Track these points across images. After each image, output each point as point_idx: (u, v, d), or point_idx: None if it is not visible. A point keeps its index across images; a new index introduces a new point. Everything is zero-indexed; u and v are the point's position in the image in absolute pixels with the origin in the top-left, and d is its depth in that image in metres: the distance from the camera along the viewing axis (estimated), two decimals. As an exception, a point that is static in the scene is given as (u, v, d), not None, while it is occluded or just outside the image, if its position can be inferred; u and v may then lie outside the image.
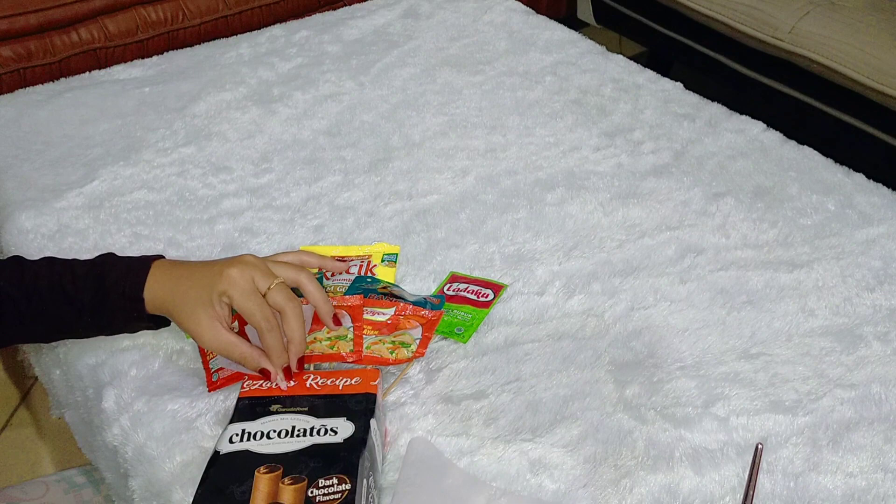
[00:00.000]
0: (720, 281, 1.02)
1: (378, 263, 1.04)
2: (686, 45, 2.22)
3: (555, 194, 1.16)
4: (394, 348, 0.89)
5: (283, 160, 1.24)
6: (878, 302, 0.99)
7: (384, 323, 0.92)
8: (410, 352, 0.89)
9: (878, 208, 1.14)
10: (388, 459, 0.80)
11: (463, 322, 0.95)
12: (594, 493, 0.78)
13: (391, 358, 0.88)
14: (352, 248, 1.07)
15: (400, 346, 0.90)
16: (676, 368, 0.90)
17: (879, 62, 1.79)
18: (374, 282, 1.00)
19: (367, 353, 0.89)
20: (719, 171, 1.21)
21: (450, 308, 0.97)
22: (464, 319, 0.95)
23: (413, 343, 0.90)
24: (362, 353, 0.89)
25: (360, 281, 1.00)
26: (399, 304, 0.94)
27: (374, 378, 0.82)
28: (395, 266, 1.04)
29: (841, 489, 0.79)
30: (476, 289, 1.00)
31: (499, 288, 1.00)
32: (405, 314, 0.93)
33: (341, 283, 1.00)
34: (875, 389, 0.88)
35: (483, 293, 0.99)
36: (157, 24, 1.96)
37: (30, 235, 1.09)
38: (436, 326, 0.92)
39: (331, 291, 0.98)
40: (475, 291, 0.99)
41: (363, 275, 1.02)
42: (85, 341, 0.94)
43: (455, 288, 1.00)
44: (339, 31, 1.57)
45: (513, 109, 1.36)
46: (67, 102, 1.37)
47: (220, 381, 0.87)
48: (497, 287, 1.00)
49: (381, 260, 1.04)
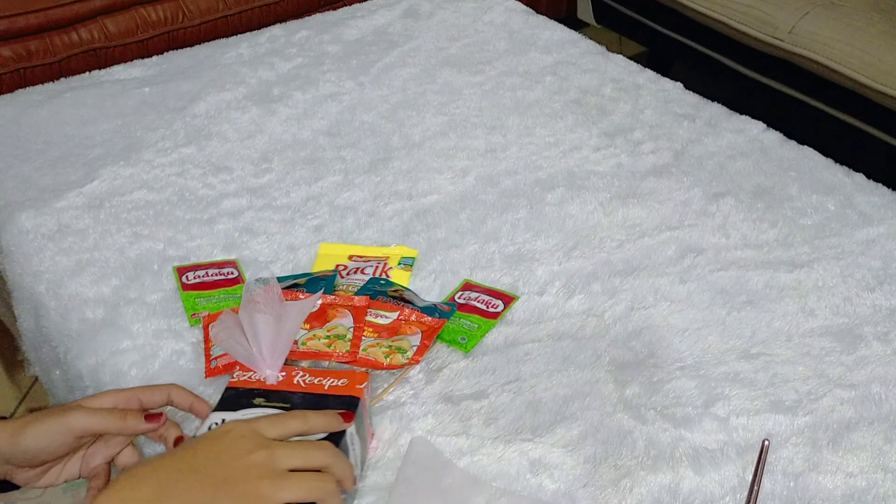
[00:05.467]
0: (720, 281, 1.02)
1: (394, 266, 1.03)
2: (686, 45, 2.22)
3: (555, 194, 1.16)
4: (389, 353, 0.89)
5: (283, 160, 1.24)
6: (878, 302, 0.99)
7: (385, 326, 0.92)
8: (406, 358, 0.88)
9: (878, 208, 1.14)
10: (387, 458, 0.80)
11: (468, 331, 0.93)
12: (594, 493, 0.78)
13: (385, 362, 0.88)
14: (370, 248, 1.07)
15: (396, 351, 0.89)
16: (676, 368, 0.90)
17: (879, 62, 1.79)
18: (387, 284, 0.99)
19: (362, 356, 0.88)
20: (719, 171, 1.21)
21: (458, 316, 0.95)
22: (469, 329, 0.94)
23: (410, 350, 0.89)
24: (357, 355, 0.88)
25: (374, 282, 0.99)
26: (404, 309, 0.94)
27: (361, 381, 0.80)
28: (411, 270, 1.03)
29: (841, 489, 0.79)
30: (487, 298, 0.98)
31: (510, 299, 0.98)
32: (407, 319, 0.93)
33: (355, 283, 0.99)
34: (875, 389, 0.88)
35: (493, 304, 0.97)
36: (157, 24, 1.96)
37: (30, 235, 1.09)
38: (436, 335, 0.91)
39: (342, 291, 0.98)
40: (485, 301, 0.98)
41: (378, 276, 1.01)
42: (85, 341, 0.94)
43: (466, 296, 0.99)
44: (339, 31, 1.57)
45: (513, 109, 1.36)
46: (67, 102, 1.37)
47: (218, 368, 0.87)
48: (508, 298, 0.99)
49: (397, 263, 1.04)
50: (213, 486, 0.63)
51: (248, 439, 0.66)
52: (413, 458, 0.79)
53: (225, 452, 0.65)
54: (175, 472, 0.64)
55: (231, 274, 1.02)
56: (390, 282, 1.00)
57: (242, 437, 0.66)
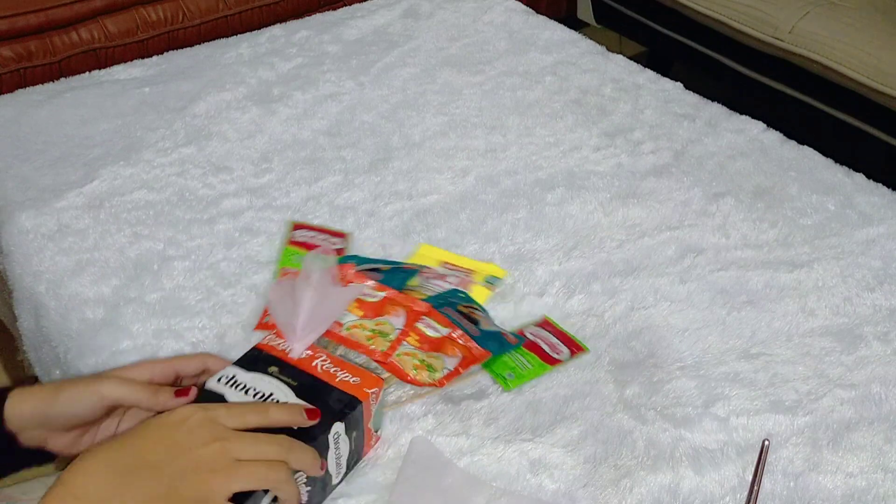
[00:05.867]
0: (720, 281, 1.02)
1: (477, 282, 0.99)
2: (686, 45, 2.22)
3: (555, 194, 1.16)
4: (419, 367, 0.85)
5: (283, 160, 1.24)
6: (878, 302, 0.99)
7: (431, 339, 0.88)
8: (432, 378, 0.85)
9: (878, 208, 1.14)
10: (388, 458, 0.80)
11: (518, 369, 0.87)
12: (594, 493, 0.78)
13: (410, 375, 0.85)
14: (463, 258, 1.03)
15: (426, 367, 0.85)
16: (676, 368, 0.90)
17: (879, 62, 1.79)
18: (464, 299, 0.95)
19: (393, 360, 0.85)
20: (719, 171, 1.21)
21: (517, 351, 0.89)
22: (521, 367, 0.88)
23: (440, 371, 0.85)
24: (389, 358, 0.86)
25: (451, 294, 0.95)
26: (456, 329, 0.89)
27: (372, 385, 0.78)
28: (493, 289, 0.99)
29: (841, 489, 0.79)
30: (554, 342, 0.91)
31: (578, 350, 0.91)
32: (454, 340, 0.88)
33: (432, 288, 0.96)
34: (875, 389, 0.88)
35: (558, 349, 0.90)
36: (157, 24, 1.96)
37: (30, 235, 1.09)
38: (474, 365, 0.86)
39: (415, 292, 0.94)
40: (552, 345, 0.91)
41: (457, 288, 0.97)
42: (85, 341, 0.94)
43: (535, 333, 0.92)
44: (339, 31, 1.57)
45: (513, 109, 1.36)
46: (67, 102, 1.37)
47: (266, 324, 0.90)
48: (577, 348, 0.91)
49: (482, 279, 1.00)
50: (169, 479, 0.63)
51: (203, 429, 0.66)
52: (413, 458, 0.79)
53: (180, 443, 0.65)
54: (129, 465, 0.63)
55: (336, 244, 1.04)
56: (468, 297, 0.96)
57: (199, 427, 0.66)
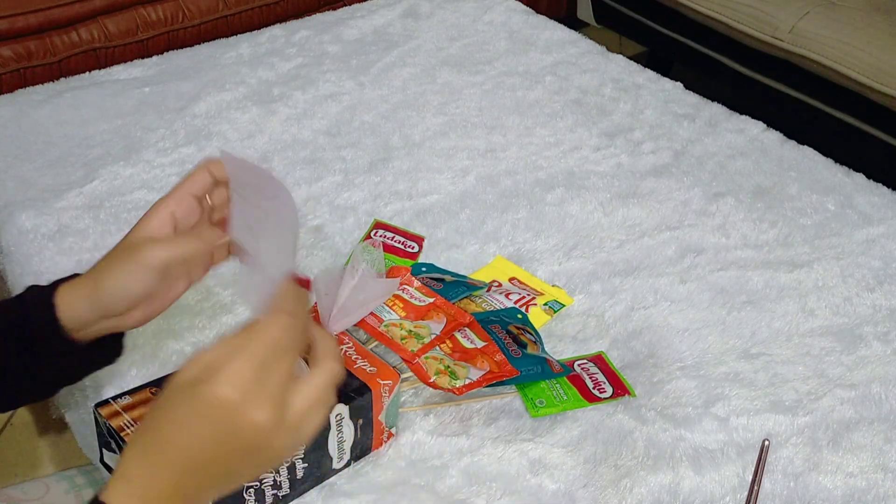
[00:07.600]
0: (720, 281, 1.02)
1: (539, 305, 0.96)
2: (686, 45, 2.22)
3: (555, 194, 1.16)
4: (442, 372, 0.84)
5: (283, 160, 1.24)
6: (878, 302, 0.99)
7: (463, 349, 0.87)
8: (450, 384, 0.83)
9: (878, 208, 1.14)
10: (388, 457, 0.80)
11: (552, 398, 0.85)
12: (594, 493, 0.78)
13: (431, 378, 0.83)
14: (534, 279, 1.01)
15: (449, 374, 0.84)
16: (676, 368, 0.90)
17: (879, 62, 1.79)
18: (521, 320, 0.92)
19: (419, 361, 0.85)
20: (719, 171, 1.21)
21: (558, 380, 0.87)
22: (556, 396, 0.85)
23: (461, 380, 0.83)
24: (416, 358, 0.85)
25: (507, 312, 0.93)
26: (493, 344, 0.87)
27: (388, 378, 0.77)
28: (553, 315, 0.96)
29: (841, 489, 0.79)
30: (601, 379, 0.88)
31: (624, 392, 0.87)
32: (487, 353, 0.86)
33: (492, 302, 0.94)
34: (875, 389, 0.88)
35: (602, 386, 0.87)
36: (157, 24, 1.96)
37: (30, 235, 1.09)
38: (496, 380, 0.84)
39: (474, 300, 0.93)
40: (596, 381, 0.88)
41: (516, 307, 0.95)
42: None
43: (584, 366, 0.90)
44: (339, 31, 1.57)
45: (513, 109, 1.36)
46: (67, 102, 1.37)
47: None
48: (623, 389, 0.87)
49: (544, 302, 0.97)
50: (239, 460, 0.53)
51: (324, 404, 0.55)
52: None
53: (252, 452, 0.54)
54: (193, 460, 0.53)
55: (412, 248, 1.05)
56: (526, 318, 0.93)
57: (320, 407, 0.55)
